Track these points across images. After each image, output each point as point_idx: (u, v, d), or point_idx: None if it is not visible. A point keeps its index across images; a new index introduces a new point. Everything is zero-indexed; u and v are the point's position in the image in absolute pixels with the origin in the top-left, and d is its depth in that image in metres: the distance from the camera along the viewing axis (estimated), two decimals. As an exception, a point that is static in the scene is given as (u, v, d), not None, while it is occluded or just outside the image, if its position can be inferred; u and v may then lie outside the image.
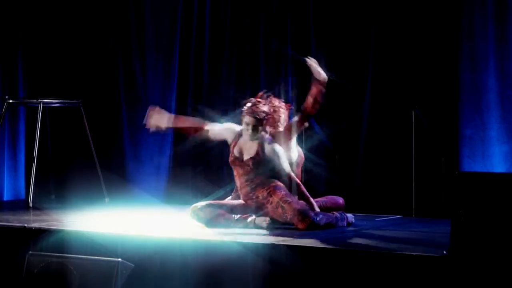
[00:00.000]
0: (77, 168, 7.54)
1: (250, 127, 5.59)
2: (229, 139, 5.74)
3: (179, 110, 7.51)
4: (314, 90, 5.76)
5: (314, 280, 4.64)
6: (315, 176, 6.77)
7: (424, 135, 6.46)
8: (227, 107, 7.34)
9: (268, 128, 5.72)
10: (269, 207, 5.56)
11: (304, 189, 5.64)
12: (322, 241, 5.05)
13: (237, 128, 5.73)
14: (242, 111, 5.66)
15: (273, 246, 4.81)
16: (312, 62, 5.81)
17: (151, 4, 7.69)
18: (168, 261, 5.02)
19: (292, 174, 5.66)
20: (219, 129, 5.81)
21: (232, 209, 5.66)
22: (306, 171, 6.86)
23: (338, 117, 6.88)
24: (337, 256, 4.64)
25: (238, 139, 5.70)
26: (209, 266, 4.91)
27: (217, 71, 7.42)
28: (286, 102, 6.03)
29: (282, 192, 5.55)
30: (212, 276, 4.90)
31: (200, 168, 7.38)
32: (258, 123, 5.60)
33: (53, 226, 5.54)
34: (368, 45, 6.80)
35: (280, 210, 5.52)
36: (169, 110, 7.51)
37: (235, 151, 5.67)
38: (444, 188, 6.23)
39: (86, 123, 7.26)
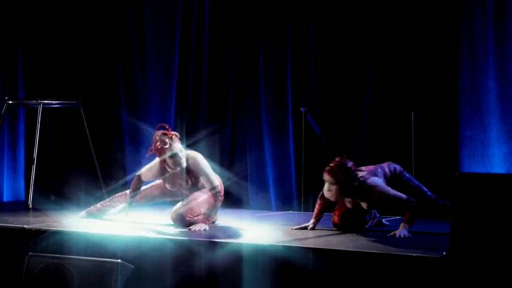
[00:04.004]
0: (77, 169, 7.54)
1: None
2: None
3: (179, 111, 7.53)
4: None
5: (313, 281, 4.64)
6: (314, 177, 6.77)
7: (424, 135, 6.46)
8: (227, 108, 7.35)
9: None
10: None
11: None
12: (322, 242, 5.06)
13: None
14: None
15: (271, 247, 4.82)
16: None
17: (150, 5, 7.68)
18: (168, 262, 5.01)
19: None
20: None
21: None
22: (305, 171, 6.88)
23: (338, 117, 6.89)
24: (336, 256, 4.64)
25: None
26: (209, 267, 4.91)
27: (216, 71, 7.42)
28: None
29: None
30: (213, 276, 4.89)
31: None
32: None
33: (53, 227, 5.54)
34: (367, 45, 6.80)
35: None
36: (169, 110, 7.55)
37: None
38: (444, 189, 6.23)
39: (85, 124, 7.26)
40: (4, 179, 7.83)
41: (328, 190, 5.41)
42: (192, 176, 5.77)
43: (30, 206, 6.83)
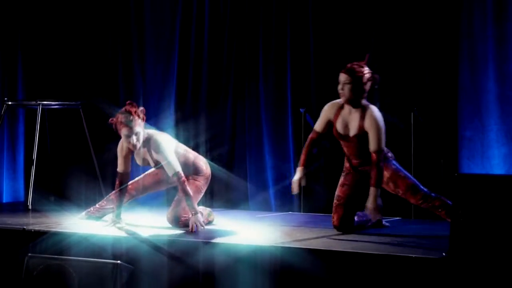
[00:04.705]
0: (76, 170, 7.54)
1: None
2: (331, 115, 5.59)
3: (179, 111, 7.53)
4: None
5: (312, 282, 4.64)
6: (313, 178, 6.78)
7: (423, 136, 6.46)
8: (227, 108, 7.35)
9: None
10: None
11: None
12: (321, 243, 5.06)
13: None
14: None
15: (271, 249, 4.82)
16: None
17: (150, 5, 7.69)
18: (167, 263, 5.02)
19: None
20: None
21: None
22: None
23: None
24: (336, 258, 4.64)
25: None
26: (208, 268, 4.91)
27: (216, 72, 7.42)
28: None
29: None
30: (212, 278, 4.90)
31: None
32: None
33: (52, 228, 5.54)
34: (367, 46, 6.80)
35: None
36: (168, 110, 7.55)
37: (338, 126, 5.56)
38: (443, 189, 6.23)
39: (85, 125, 7.26)
40: (3, 180, 7.83)
41: (341, 90, 5.42)
42: (156, 157, 5.70)
43: (30, 207, 6.83)
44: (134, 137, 5.58)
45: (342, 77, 5.45)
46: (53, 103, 7.27)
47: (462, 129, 6.44)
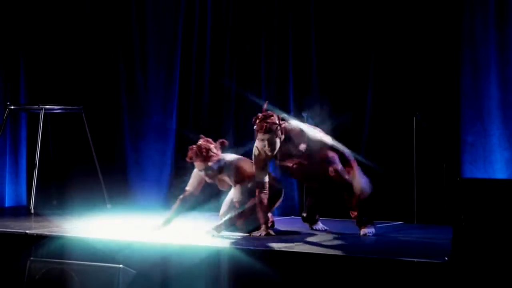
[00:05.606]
0: (79, 174, 7.55)
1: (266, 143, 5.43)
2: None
3: (180, 116, 7.53)
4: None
5: (313, 286, 4.63)
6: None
7: (426, 141, 6.46)
8: (228, 111, 7.35)
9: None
10: None
11: None
12: (322, 247, 5.06)
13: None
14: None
15: (274, 253, 4.82)
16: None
17: (152, 9, 7.70)
18: (169, 267, 5.01)
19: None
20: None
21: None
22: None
23: (340, 122, 6.89)
24: (338, 262, 4.64)
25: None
26: (210, 272, 4.91)
27: (219, 75, 7.42)
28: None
29: None
30: (213, 282, 4.89)
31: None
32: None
33: (55, 232, 5.54)
34: (369, 50, 6.80)
35: None
36: (170, 115, 7.56)
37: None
38: (446, 194, 6.23)
39: (87, 129, 7.27)
40: (6, 184, 7.83)
41: (268, 146, 5.42)
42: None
43: (32, 211, 6.84)
44: (209, 172, 5.57)
45: (264, 135, 5.45)
46: (55, 107, 7.28)
47: (464, 134, 6.44)
